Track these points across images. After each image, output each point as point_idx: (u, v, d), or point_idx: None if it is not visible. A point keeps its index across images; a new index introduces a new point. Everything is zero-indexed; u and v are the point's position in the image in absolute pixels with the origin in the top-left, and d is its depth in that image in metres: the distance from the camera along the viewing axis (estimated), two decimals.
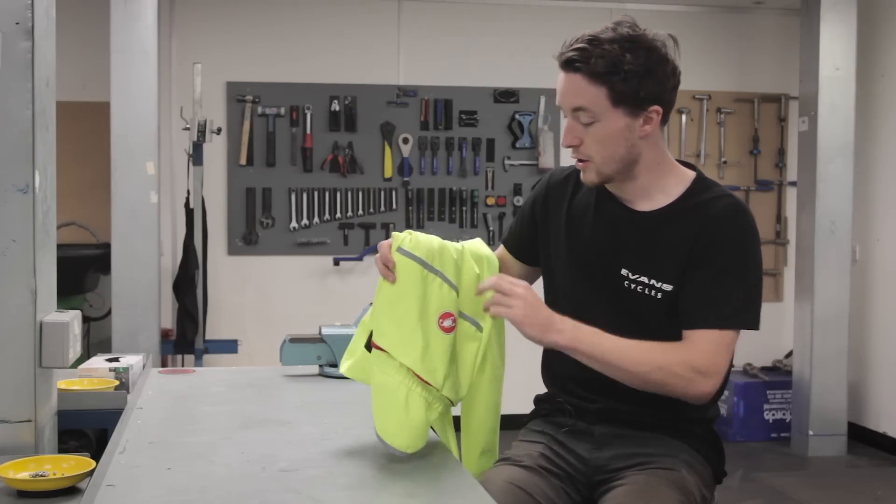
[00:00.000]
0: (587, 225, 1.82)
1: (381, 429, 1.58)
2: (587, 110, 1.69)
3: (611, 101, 1.67)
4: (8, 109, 1.59)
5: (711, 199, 1.75)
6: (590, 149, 1.72)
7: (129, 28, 4.59)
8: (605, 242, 1.79)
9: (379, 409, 1.60)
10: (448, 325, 1.63)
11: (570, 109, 1.71)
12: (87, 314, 5.06)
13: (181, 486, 1.39)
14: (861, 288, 5.42)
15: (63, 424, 1.84)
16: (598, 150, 1.71)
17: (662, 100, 1.71)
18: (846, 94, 5.14)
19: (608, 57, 1.65)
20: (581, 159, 1.75)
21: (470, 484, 1.45)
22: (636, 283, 1.75)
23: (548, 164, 5.64)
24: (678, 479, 1.70)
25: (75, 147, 5.15)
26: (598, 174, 1.75)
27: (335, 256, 5.53)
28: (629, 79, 1.65)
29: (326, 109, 5.53)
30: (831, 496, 4.52)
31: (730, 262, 1.70)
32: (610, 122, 1.69)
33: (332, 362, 2.24)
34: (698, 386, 1.66)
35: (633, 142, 1.72)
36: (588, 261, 1.81)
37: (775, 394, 5.53)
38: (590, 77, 1.66)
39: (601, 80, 1.66)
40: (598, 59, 1.65)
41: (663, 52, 1.69)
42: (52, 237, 1.76)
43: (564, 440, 1.84)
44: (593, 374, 1.81)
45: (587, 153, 1.73)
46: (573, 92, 1.69)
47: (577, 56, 1.66)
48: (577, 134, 1.72)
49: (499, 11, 5.74)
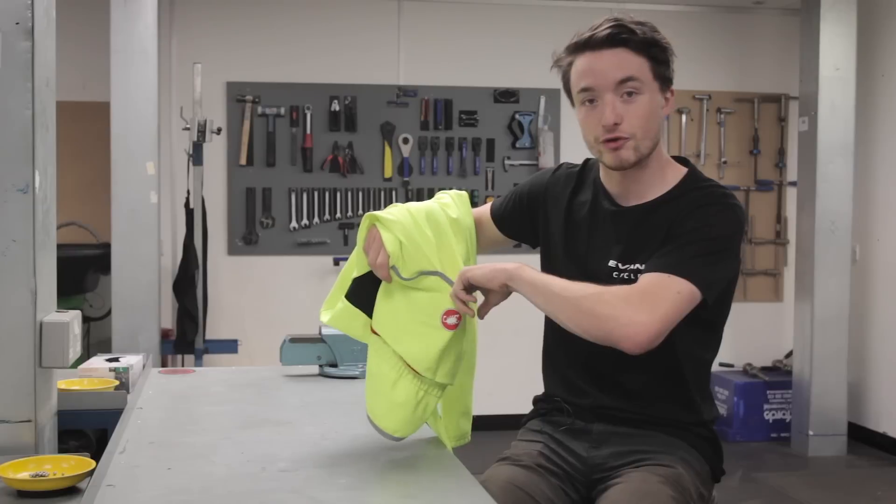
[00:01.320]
0: (583, 221, 1.84)
1: (371, 410, 1.64)
2: (635, 80, 1.70)
3: (652, 74, 1.72)
4: (8, 109, 1.59)
5: (699, 188, 1.77)
6: (632, 124, 1.71)
7: (129, 28, 4.59)
8: (597, 237, 1.81)
9: (370, 391, 1.65)
10: (452, 322, 1.63)
11: (614, 83, 1.70)
12: (87, 314, 5.06)
13: (181, 486, 1.39)
14: (861, 288, 5.42)
15: (63, 424, 1.84)
16: (640, 125, 1.71)
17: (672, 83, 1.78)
18: (846, 94, 5.14)
19: (647, 32, 1.71)
20: (619, 137, 1.72)
21: (470, 484, 1.45)
22: (624, 272, 1.76)
23: (548, 164, 5.63)
24: (675, 476, 1.70)
25: (75, 147, 5.15)
26: (636, 151, 1.73)
27: (335, 256, 5.53)
28: (664, 53, 1.73)
29: (326, 109, 5.53)
30: (831, 496, 4.52)
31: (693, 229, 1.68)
32: (652, 96, 1.73)
33: (332, 362, 2.24)
34: (628, 318, 1.55)
35: (661, 120, 1.77)
36: (581, 254, 1.82)
37: (775, 394, 5.53)
38: (635, 48, 1.70)
39: (645, 51, 1.70)
40: (641, 32, 1.70)
41: None
42: (52, 237, 1.76)
43: (563, 439, 1.84)
44: (592, 372, 1.81)
45: (629, 130, 1.71)
46: (618, 65, 1.70)
47: (620, 31, 1.70)
48: (618, 111, 1.71)
49: (499, 11, 5.74)
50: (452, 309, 1.64)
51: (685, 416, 1.80)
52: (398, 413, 1.61)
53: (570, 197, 1.88)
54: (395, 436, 1.62)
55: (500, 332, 5.28)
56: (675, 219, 1.72)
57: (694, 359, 1.79)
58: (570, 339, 1.84)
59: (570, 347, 1.85)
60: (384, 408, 1.62)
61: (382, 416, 1.62)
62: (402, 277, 1.63)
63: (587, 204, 1.85)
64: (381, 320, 1.64)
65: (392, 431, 1.62)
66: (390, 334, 1.63)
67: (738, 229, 1.73)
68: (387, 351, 1.62)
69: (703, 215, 1.70)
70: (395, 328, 1.63)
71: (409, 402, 1.61)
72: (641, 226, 1.77)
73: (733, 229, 1.72)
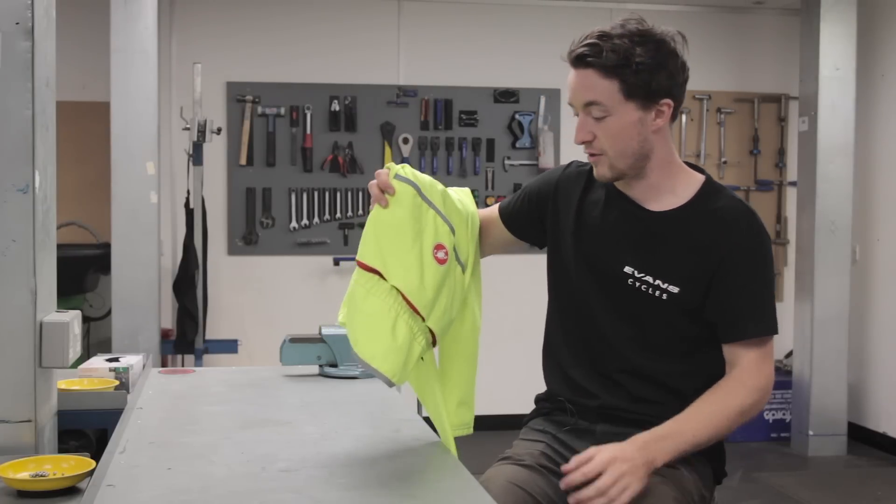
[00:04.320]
0: (596, 220, 1.82)
1: (368, 354, 1.56)
2: (600, 104, 1.69)
3: (623, 94, 1.68)
4: (8, 109, 1.59)
5: (723, 205, 1.76)
6: (603, 143, 1.72)
7: (129, 28, 4.59)
8: (611, 238, 1.80)
9: (365, 333, 1.58)
10: (441, 256, 1.64)
11: (582, 105, 1.72)
12: (87, 314, 5.06)
13: (181, 486, 1.39)
14: (861, 288, 5.42)
15: (63, 424, 1.84)
16: (611, 145, 1.72)
17: (673, 94, 1.72)
18: (846, 94, 5.14)
19: (619, 50, 1.66)
20: (594, 154, 1.75)
21: (470, 484, 1.45)
22: (640, 282, 1.75)
23: (548, 164, 5.63)
24: (677, 477, 1.70)
25: (75, 147, 5.15)
26: (611, 169, 1.75)
27: (335, 256, 5.53)
28: (640, 71, 1.67)
29: (326, 109, 5.53)
30: (831, 496, 4.52)
31: (757, 270, 1.74)
32: (623, 116, 1.70)
33: (332, 362, 2.24)
34: (764, 401, 1.76)
35: (645, 136, 1.72)
36: (593, 255, 1.81)
37: (775, 394, 5.52)
38: (601, 71, 1.67)
39: (613, 73, 1.67)
40: (609, 52, 1.66)
41: (672, 47, 1.71)
42: (52, 237, 1.76)
43: (566, 439, 1.83)
44: (592, 373, 1.81)
45: (600, 147, 1.73)
46: (585, 87, 1.70)
47: (588, 51, 1.68)
48: (590, 129, 1.72)
49: (499, 11, 5.74)
50: (442, 244, 1.65)
51: None
52: (397, 357, 1.57)
53: (581, 195, 1.86)
54: (392, 380, 1.57)
55: (500, 332, 5.30)
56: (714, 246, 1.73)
57: (707, 374, 1.78)
58: (574, 339, 1.84)
59: (574, 348, 1.85)
60: (383, 349, 1.56)
61: (383, 359, 1.56)
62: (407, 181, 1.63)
63: (600, 203, 1.83)
64: (374, 253, 1.61)
65: (391, 375, 1.56)
66: (385, 265, 1.59)
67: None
68: (382, 287, 1.59)
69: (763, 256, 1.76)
70: (393, 259, 1.60)
71: (404, 346, 1.58)
72: (660, 235, 1.76)
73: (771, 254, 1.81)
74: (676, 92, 1.73)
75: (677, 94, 1.73)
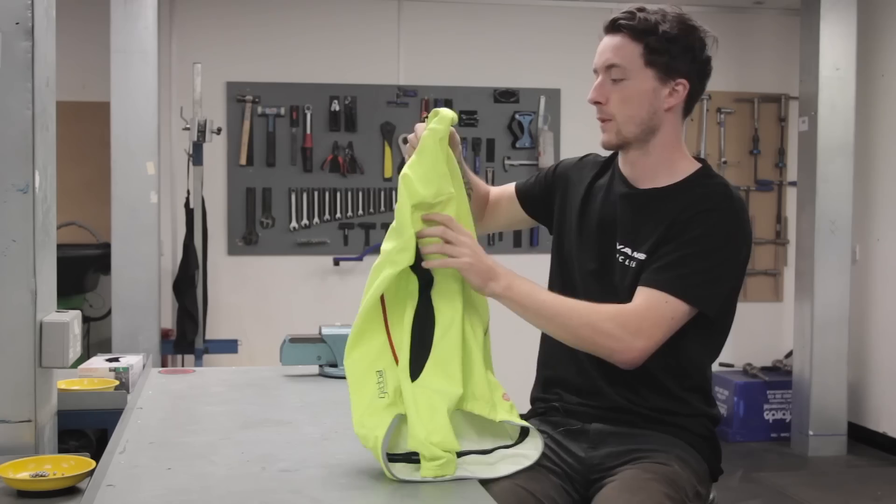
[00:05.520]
0: (598, 202, 1.88)
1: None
2: (620, 66, 1.77)
3: (644, 60, 1.76)
4: (8, 109, 1.59)
5: (706, 188, 1.79)
6: (614, 107, 1.79)
7: (129, 28, 4.59)
8: (607, 218, 1.85)
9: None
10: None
11: (603, 66, 1.79)
12: (87, 314, 5.06)
13: (181, 486, 1.39)
14: (861, 288, 5.42)
15: (63, 424, 1.84)
16: (621, 109, 1.78)
17: (690, 77, 1.78)
18: (846, 94, 5.14)
19: (650, 19, 1.75)
20: (603, 119, 1.81)
21: (470, 484, 1.45)
22: (621, 255, 1.80)
23: (548, 164, 5.62)
24: (669, 473, 1.69)
25: (75, 147, 5.15)
26: (618, 135, 1.80)
27: (335, 256, 5.53)
28: (664, 41, 1.75)
29: (326, 109, 5.53)
30: (831, 496, 4.52)
31: (697, 236, 1.71)
32: (638, 82, 1.76)
33: (332, 362, 2.24)
34: (625, 344, 1.65)
35: (656, 108, 1.78)
36: (591, 234, 1.86)
37: (775, 394, 5.53)
38: (631, 34, 1.76)
39: (640, 37, 1.75)
40: (641, 19, 1.75)
41: (701, 36, 1.79)
42: (52, 237, 1.76)
43: (561, 439, 1.84)
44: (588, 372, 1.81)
45: (611, 111, 1.79)
46: (612, 48, 1.78)
47: (624, 17, 1.77)
48: (605, 92, 1.79)
49: (499, 11, 5.74)
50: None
51: (683, 413, 1.80)
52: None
53: (591, 180, 1.93)
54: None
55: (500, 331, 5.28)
56: (678, 214, 1.74)
57: (693, 360, 1.80)
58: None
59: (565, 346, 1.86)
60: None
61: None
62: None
63: (604, 186, 1.90)
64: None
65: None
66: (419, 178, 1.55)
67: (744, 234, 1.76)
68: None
69: (707, 220, 1.72)
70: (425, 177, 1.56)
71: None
72: (644, 210, 1.80)
73: (739, 236, 1.75)
74: (694, 77, 1.79)
75: (694, 79, 1.79)
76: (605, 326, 1.66)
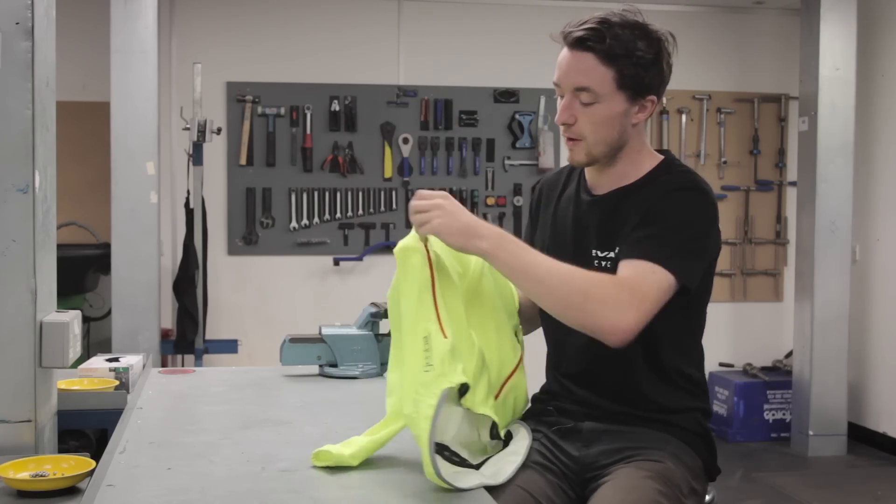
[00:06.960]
0: (569, 214, 1.87)
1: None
2: (591, 90, 1.71)
3: (616, 84, 1.70)
4: (8, 109, 1.59)
5: (669, 177, 1.78)
6: (584, 128, 1.74)
7: (129, 28, 4.59)
8: (579, 228, 1.84)
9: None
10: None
11: (572, 88, 1.73)
12: (87, 314, 5.06)
13: (181, 486, 1.39)
14: (861, 288, 5.42)
15: (63, 424, 1.84)
16: (592, 131, 1.74)
17: (659, 92, 1.76)
18: (846, 94, 5.14)
19: (622, 40, 1.68)
20: (572, 138, 1.77)
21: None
22: (605, 260, 1.78)
23: (548, 164, 5.64)
24: (663, 470, 1.69)
25: (75, 147, 5.15)
26: (587, 154, 1.78)
27: (335, 256, 5.53)
28: (638, 65, 1.69)
29: (326, 109, 5.53)
30: (831, 496, 4.53)
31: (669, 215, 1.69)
32: (610, 105, 1.72)
33: (332, 362, 2.24)
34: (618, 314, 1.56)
35: (625, 127, 1.76)
36: (566, 245, 1.84)
37: (775, 394, 5.54)
38: (601, 57, 1.69)
39: (612, 61, 1.69)
40: (612, 41, 1.68)
41: (668, 47, 1.74)
42: (52, 237, 1.76)
43: (555, 439, 1.84)
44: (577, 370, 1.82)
45: (580, 132, 1.75)
46: (580, 71, 1.71)
47: (591, 35, 1.69)
48: (574, 112, 1.74)
49: (499, 11, 5.74)
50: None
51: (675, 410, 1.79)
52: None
53: (559, 194, 1.92)
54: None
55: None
56: (649, 200, 1.73)
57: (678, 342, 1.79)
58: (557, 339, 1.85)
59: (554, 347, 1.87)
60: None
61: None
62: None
63: (571, 198, 1.88)
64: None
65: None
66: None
67: (714, 213, 1.76)
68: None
69: (680, 200, 1.72)
70: None
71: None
72: (615, 212, 1.78)
73: (709, 213, 1.75)
74: (662, 91, 1.77)
75: (662, 93, 1.77)
76: (597, 293, 1.58)
